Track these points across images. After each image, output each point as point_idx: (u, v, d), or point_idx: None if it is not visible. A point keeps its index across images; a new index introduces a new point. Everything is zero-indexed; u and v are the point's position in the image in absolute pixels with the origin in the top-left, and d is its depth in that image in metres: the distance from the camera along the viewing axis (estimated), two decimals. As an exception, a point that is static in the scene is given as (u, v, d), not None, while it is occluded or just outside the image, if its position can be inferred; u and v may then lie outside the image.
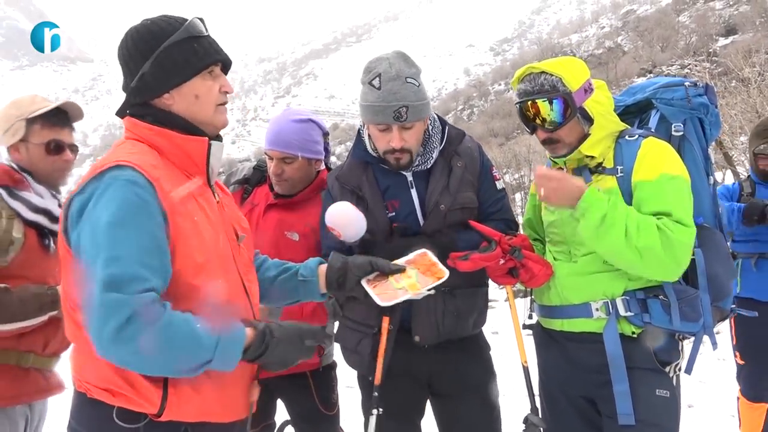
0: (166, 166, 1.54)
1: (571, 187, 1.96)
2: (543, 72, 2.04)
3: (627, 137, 2.06)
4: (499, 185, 2.35)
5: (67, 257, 1.47)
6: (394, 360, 2.15)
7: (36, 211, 2.12)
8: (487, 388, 2.28)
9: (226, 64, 1.66)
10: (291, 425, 2.59)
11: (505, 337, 3.69)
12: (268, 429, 2.62)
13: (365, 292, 1.82)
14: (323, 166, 2.66)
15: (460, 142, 2.29)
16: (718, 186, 2.35)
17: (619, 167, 2.02)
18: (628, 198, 1.99)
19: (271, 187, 2.60)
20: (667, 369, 2.01)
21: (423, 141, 2.22)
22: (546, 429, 2.06)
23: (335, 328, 2.47)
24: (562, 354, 2.13)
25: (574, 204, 1.95)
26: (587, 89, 2.05)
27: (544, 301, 2.19)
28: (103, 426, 1.45)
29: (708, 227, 2.08)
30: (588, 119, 2.05)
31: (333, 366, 2.67)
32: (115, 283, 1.32)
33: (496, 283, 2.20)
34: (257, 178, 2.69)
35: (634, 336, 1.99)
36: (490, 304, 2.74)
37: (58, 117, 2.26)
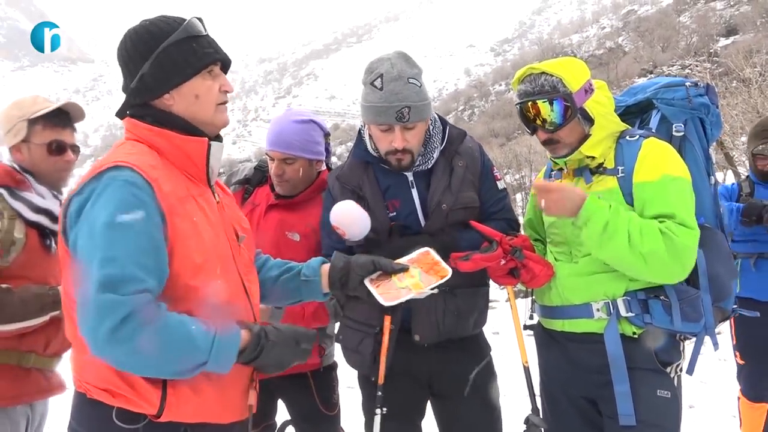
0: (166, 167, 1.54)
1: (572, 197, 1.96)
2: (543, 73, 2.04)
3: (628, 137, 2.06)
4: (500, 185, 2.36)
5: (66, 257, 1.48)
6: (394, 360, 2.15)
7: (37, 211, 2.13)
8: (488, 389, 2.27)
9: (226, 64, 1.66)
10: (291, 425, 2.59)
11: (506, 337, 3.69)
12: (268, 429, 2.62)
13: (368, 292, 1.81)
14: (324, 167, 2.66)
15: (461, 142, 2.29)
16: (717, 186, 2.35)
17: (620, 167, 2.01)
18: (629, 198, 1.99)
19: (272, 187, 2.60)
20: (668, 369, 2.00)
21: (424, 141, 2.22)
22: (547, 429, 2.07)
23: (336, 329, 2.48)
24: (563, 354, 2.13)
25: (575, 213, 1.95)
26: (588, 90, 2.05)
27: (545, 302, 2.19)
28: (102, 426, 1.45)
29: (709, 227, 2.08)
30: (588, 120, 2.05)
31: (334, 366, 2.67)
32: (110, 283, 1.32)
33: (497, 283, 2.20)
34: (258, 179, 2.69)
35: (635, 336, 1.99)
36: (491, 304, 2.74)
37: (59, 117, 2.26)
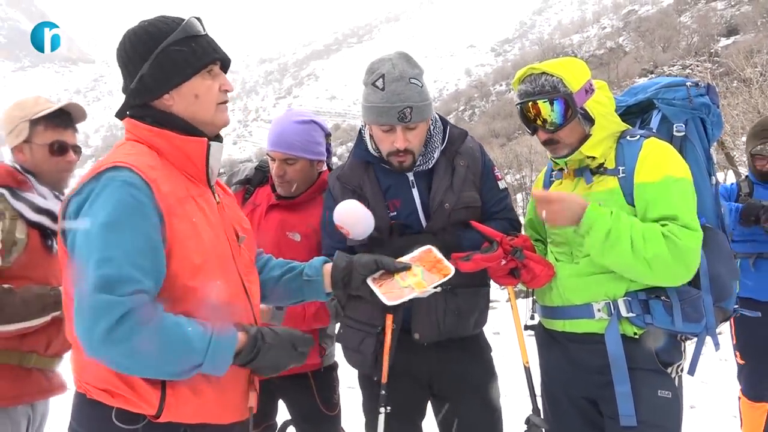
0: (165, 167, 1.54)
1: (573, 207, 1.96)
2: (544, 73, 2.03)
3: (628, 137, 2.05)
4: (501, 185, 2.36)
5: (66, 258, 1.48)
6: (395, 360, 2.14)
7: (39, 212, 2.13)
8: (488, 389, 2.27)
9: (225, 63, 1.65)
10: (292, 425, 2.59)
11: (507, 337, 3.68)
12: (269, 429, 2.62)
13: (371, 291, 1.81)
14: (325, 167, 2.66)
15: (463, 142, 2.29)
16: (718, 186, 2.35)
17: (620, 168, 2.01)
18: (630, 199, 1.99)
19: (273, 187, 2.60)
20: (669, 370, 2.00)
21: (424, 141, 2.22)
22: (548, 430, 2.06)
23: (336, 329, 2.48)
24: (563, 355, 2.13)
25: (577, 222, 1.96)
26: (588, 90, 2.05)
27: (545, 302, 2.19)
28: (102, 427, 1.45)
29: (710, 228, 2.07)
30: (589, 120, 2.05)
31: (334, 366, 2.67)
32: (106, 284, 1.32)
33: (498, 283, 2.20)
34: (259, 179, 2.69)
35: (636, 337, 1.99)
36: (492, 304, 2.74)
37: (61, 118, 2.27)
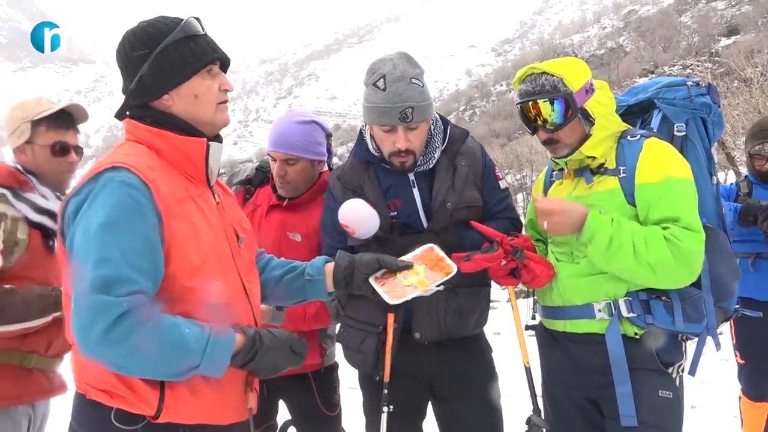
0: (165, 168, 1.54)
1: (574, 216, 1.96)
2: (544, 72, 2.03)
3: (629, 137, 2.05)
4: (502, 185, 2.36)
5: (65, 258, 1.48)
6: (396, 360, 2.14)
7: (40, 212, 2.13)
8: (489, 389, 2.27)
9: (225, 63, 1.65)
10: (292, 426, 2.59)
11: (508, 337, 3.68)
12: (269, 430, 2.62)
13: (373, 290, 1.81)
14: (326, 168, 2.66)
15: (464, 142, 2.30)
16: (719, 186, 2.35)
17: (621, 168, 2.01)
18: (631, 199, 1.99)
19: (273, 188, 2.60)
20: (670, 370, 2.00)
21: (425, 141, 2.22)
22: (549, 430, 2.07)
23: (337, 329, 2.48)
24: (564, 355, 2.13)
25: (578, 231, 1.96)
26: (588, 90, 2.05)
27: (546, 302, 2.19)
28: (101, 427, 1.45)
29: (711, 228, 2.07)
30: (589, 120, 2.05)
31: (335, 367, 2.68)
32: (104, 284, 1.32)
33: (498, 283, 2.19)
34: (260, 179, 2.69)
35: (637, 337, 1.99)
36: (493, 304, 2.74)
37: (62, 119, 2.27)
